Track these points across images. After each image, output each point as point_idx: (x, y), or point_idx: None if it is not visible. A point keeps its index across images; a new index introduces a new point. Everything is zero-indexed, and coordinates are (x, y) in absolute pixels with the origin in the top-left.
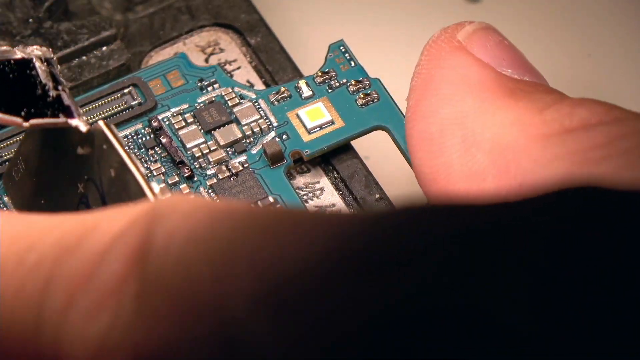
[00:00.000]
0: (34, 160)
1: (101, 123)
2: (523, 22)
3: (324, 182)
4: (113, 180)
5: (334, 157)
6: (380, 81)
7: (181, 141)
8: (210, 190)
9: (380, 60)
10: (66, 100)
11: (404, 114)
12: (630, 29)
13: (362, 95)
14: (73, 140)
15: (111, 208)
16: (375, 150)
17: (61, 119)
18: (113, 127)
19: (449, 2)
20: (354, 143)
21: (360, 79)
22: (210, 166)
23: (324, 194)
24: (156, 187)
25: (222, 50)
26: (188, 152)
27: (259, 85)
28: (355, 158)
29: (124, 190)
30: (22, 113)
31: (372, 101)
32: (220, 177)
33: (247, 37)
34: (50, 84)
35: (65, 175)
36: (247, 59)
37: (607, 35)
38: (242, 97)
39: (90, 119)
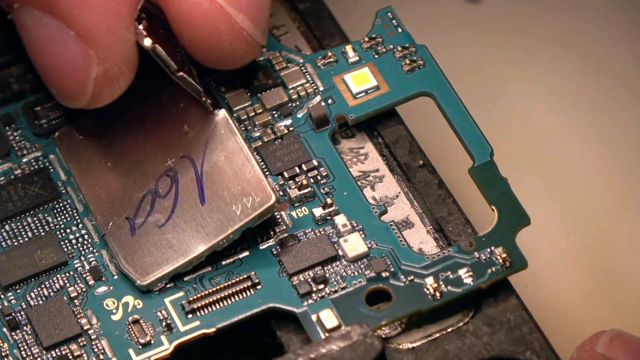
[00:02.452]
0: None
1: (224, 110)
2: (523, 22)
3: (369, 147)
4: (221, 163)
5: (378, 122)
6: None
7: (227, 103)
8: (255, 153)
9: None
10: (197, 79)
11: (449, 80)
12: (631, 29)
13: (408, 62)
14: (178, 117)
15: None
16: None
17: (200, 89)
18: (230, 116)
19: (448, 2)
20: (398, 109)
21: (407, 45)
22: (255, 129)
23: (368, 159)
24: (272, 182)
25: (270, 15)
26: (234, 115)
27: (307, 51)
28: (400, 124)
29: (234, 175)
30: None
31: (418, 67)
32: (266, 140)
33: (296, 2)
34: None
35: (154, 146)
36: (296, 25)
37: (607, 35)
38: (289, 61)
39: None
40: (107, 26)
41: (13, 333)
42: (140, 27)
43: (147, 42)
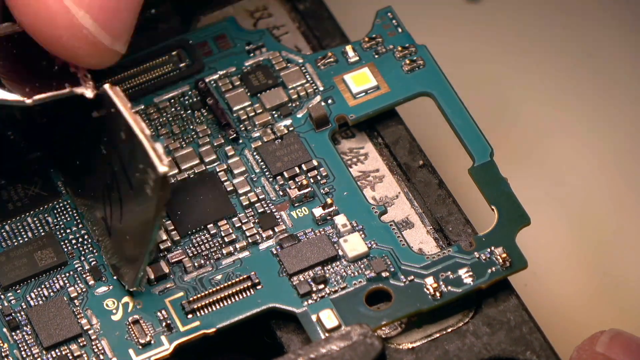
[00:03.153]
0: (64, 126)
1: (106, 86)
2: (523, 22)
3: (369, 147)
4: (124, 142)
5: (378, 122)
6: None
7: (227, 103)
8: (254, 153)
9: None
10: (72, 67)
11: (449, 80)
12: (630, 28)
13: (408, 62)
14: (89, 104)
15: None
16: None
17: (65, 90)
18: (118, 89)
19: (448, 2)
20: (398, 109)
21: (407, 45)
22: (255, 129)
23: (368, 159)
24: (160, 147)
25: (270, 15)
26: (234, 115)
27: (307, 51)
28: (400, 124)
29: (134, 153)
30: (26, 90)
31: (418, 67)
32: (265, 140)
33: (296, 2)
34: None
35: (89, 138)
36: (295, 25)
37: (607, 35)
38: (289, 61)
39: (100, 83)
40: None
41: (13, 333)
42: None
43: None
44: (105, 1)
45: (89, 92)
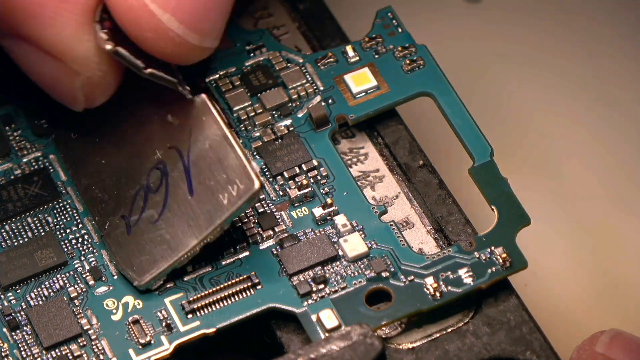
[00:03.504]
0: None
1: (204, 95)
2: (523, 22)
3: (369, 147)
4: (206, 151)
5: (378, 122)
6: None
7: (227, 103)
8: (255, 153)
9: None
10: (175, 67)
11: (449, 80)
12: (632, 28)
13: (408, 62)
14: (163, 107)
15: None
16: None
17: (174, 79)
18: (214, 101)
19: (448, 2)
20: (398, 109)
21: (407, 45)
22: (255, 129)
23: (368, 159)
24: (256, 166)
25: (270, 15)
26: (234, 115)
27: (307, 51)
28: (400, 124)
29: (219, 163)
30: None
31: (418, 67)
32: (265, 140)
33: (296, 2)
34: None
35: (142, 140)
36: (296, 25)
37: (608, 35)
38: (289, 61)
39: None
40: (71, 39)
41: (13, 333)
42: (104, 29)
43: (107, 46)
44: (192, 3)
45: (188, 94)
